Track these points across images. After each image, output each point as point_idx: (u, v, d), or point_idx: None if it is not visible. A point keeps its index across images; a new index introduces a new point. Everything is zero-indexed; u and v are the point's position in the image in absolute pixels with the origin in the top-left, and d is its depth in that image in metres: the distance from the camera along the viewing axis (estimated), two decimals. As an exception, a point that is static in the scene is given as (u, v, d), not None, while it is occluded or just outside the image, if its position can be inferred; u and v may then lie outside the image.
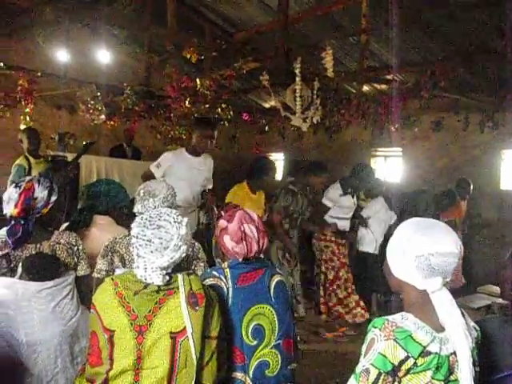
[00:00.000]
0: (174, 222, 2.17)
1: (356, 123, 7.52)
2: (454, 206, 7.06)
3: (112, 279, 2.19)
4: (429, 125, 8.08)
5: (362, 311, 6.31)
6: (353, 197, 6.58)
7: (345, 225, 6.59)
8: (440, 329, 1.82)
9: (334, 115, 7.21)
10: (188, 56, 6.18)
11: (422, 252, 1.82)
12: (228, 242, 2.55)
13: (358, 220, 6.84)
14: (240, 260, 2.52)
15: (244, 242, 2.50)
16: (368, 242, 6.73)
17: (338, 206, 6.46)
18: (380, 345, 1.76)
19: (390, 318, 1.82)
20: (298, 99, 5.83)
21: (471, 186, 7.89)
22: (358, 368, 1.80)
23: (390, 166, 10.36)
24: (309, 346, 5.69)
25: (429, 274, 1.82)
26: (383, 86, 7.91)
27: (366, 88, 8.51)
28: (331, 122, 7.78)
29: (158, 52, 8.03)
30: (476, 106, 7.40)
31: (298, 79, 5.77)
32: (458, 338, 1.78)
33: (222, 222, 2.60)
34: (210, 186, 5.75)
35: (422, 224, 1.92)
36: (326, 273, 6.44)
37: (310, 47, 6.94)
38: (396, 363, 1.74)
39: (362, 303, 6.35)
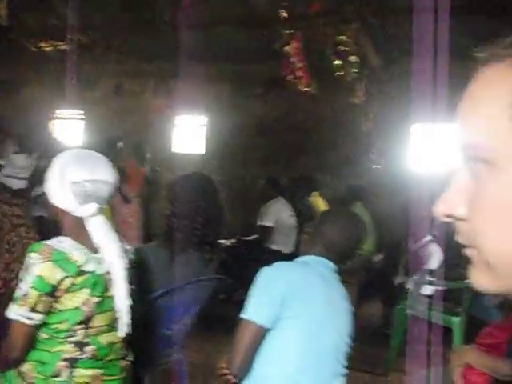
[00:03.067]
0: None
1: (36, 82, 7.34)
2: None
3: None
4: (110, 88, 8.29)
5: None
6: (30, 156, 6.50)
7: (20, 184, 6.50)
8: (96, 251, 1.98)
9: (8, 70, 6.95)
10: None
11: (77, 179, 1.94)
12: None
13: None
14: None
15: None
16: None
17: (10, 165, 6.35)
18: (38, 267, 1.84)
19: (47, 242, 1.92)
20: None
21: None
22: (18, 293, 1.86)
23: (71, 129, 10.22)
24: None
25: (84, 200, 1.96)
26: (64, 46, 7.83)
27: (47, 48, 8.32)
28: (7, 77, 7.48)
29: None
30: (154, 73, 7.83)
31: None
32: (111, 258, 1.98)
33: None
34: None
35: (79, 153, 2.11)
36: None
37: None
38: (55, 283, 1.85)
39: None
